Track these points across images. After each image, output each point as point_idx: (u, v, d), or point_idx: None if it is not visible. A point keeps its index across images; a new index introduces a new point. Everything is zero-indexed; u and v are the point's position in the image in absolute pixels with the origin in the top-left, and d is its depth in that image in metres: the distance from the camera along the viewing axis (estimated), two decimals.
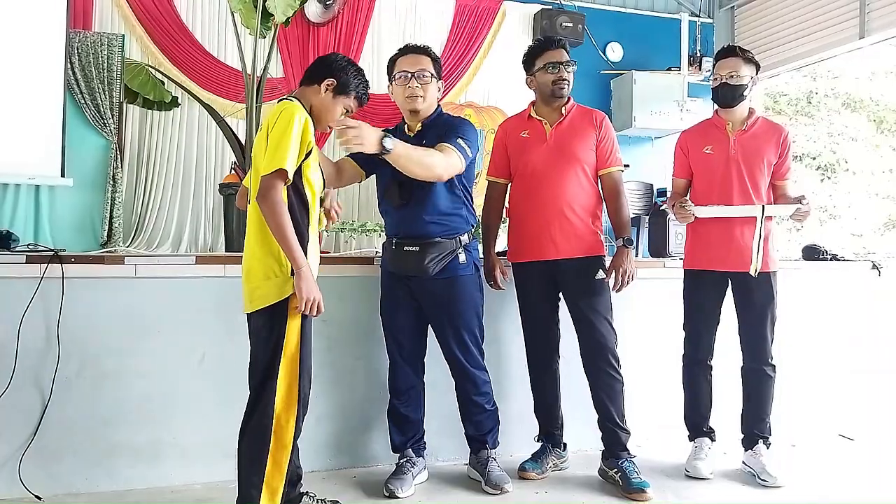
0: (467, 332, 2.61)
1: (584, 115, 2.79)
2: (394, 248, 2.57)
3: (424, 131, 2.59)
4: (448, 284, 2.56)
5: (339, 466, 2.80)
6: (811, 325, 3.43)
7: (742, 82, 2.76)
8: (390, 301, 2.64)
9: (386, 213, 2.65)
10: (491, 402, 2.69)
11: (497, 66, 5.72)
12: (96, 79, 4.39)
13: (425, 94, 2.55)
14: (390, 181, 2.54)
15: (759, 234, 2.69)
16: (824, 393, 3.44)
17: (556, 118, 2.77)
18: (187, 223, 5.05)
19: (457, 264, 2.57)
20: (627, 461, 2.67)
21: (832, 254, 3.70)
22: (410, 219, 2.53)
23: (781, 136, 2.80)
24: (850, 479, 2.85)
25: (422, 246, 2.51)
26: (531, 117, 2.80)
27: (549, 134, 2.75)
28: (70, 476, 2.49)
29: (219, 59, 5.19)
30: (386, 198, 2.59)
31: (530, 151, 2.74)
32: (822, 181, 10.51)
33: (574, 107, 2.80)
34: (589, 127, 2.76)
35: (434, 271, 2.52)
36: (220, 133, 4.38)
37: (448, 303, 2.57)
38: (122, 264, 2.60)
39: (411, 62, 2.57)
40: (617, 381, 2.70)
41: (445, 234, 2.55)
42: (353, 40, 5.46)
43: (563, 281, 2.73)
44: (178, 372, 2.62)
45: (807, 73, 9.42)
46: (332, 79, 2.17)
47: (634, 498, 2.55)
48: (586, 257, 2.70)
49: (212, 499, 2.47)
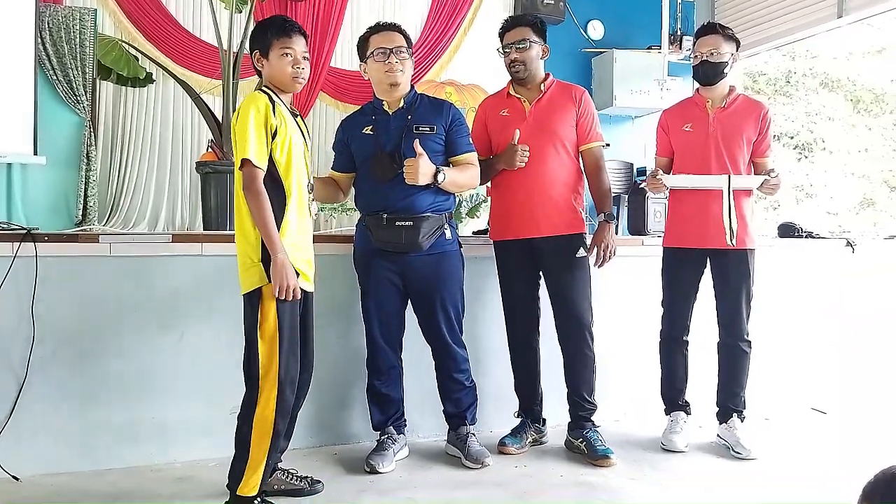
0: (452, 307, 2.62)
1: (564, 91, 2.79)
2: (384, 225, 2.53)
3: (407, 111, 2.58)
4: (436, 260, 2.57)
5: (320, 444, 2.81)
6: (786, 301, 3.49)
7: (723, 59, 2.77)
8: (374, 279, 2.61)
9: (368, 191, 2.61)
10: (469, 379, 2.71)
11: (478, 44, 5.68)
12: (68, 54, 4.29)
13: (405, 70, 2.55)
14: (378, 155, 2.53)
15: (729, 205, 2.72)
16: (798, 367, 3.51)
17: (535, 95, 2.76)
18: (164, 202, 4.98)
19: (444, 240, 2.59)
20: (591, 430, 2.73)
21: (807, 231, 3.76)
22: (401, 192, 2.51)
23: (761, 113, 2.82)
24: (822, 451, 2.91)
25: (415, 220, 2.51)
26: (510, 95, 2.80)
27: (529, 111, 2.74)
28: (48, 456, 2.47)
29: (194, 34, 5.09)
30: (373, 173, 2.55)
31: (510, 128, 2.73)
32: (800, 160, 10.63)
33: (553, 83, 2.80)
34: (569, 103, 2.76)
35: (426, 246, 2.53)
36: (196, 110, 4.31)
37: (435, 278, 2.57)
38: (97, 243, 2.56)
39: (387, 39, 2.56)
40: (589, 357, 2.75)
41: (436, 208, 2.56)
42: (331, 15, 5.38)
43: (544, 258, 2.74)
44: (157, 351, 2.60)
45: (786, 52, 9.48)
46: (255, 51, 2.24)
47: (599, 464, 2.63)
48: (567, 235, 2.72)
49: (191, 477, 2.47)
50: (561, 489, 2.44)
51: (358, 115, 2.71)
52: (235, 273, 2.70)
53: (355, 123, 2.65)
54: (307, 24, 5.28)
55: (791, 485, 2.51)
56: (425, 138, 2.53)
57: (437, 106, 2.64)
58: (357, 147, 2.61)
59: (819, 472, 2.65)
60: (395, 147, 2.53)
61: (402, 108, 2.59)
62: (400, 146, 2.52)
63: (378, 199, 2.56)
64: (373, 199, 2.59)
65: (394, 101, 2.59)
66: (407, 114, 2.57)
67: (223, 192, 3.55)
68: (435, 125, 2.57)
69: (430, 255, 2.56)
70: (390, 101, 2.60)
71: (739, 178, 2.76)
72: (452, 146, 2.61)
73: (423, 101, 2.64)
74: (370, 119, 2.61)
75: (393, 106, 2.60)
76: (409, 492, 2.38)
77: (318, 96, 5.44)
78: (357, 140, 2.61)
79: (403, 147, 2.52)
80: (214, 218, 3.56)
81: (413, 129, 2.54)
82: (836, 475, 2.59)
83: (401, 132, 2.54)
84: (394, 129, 2.56)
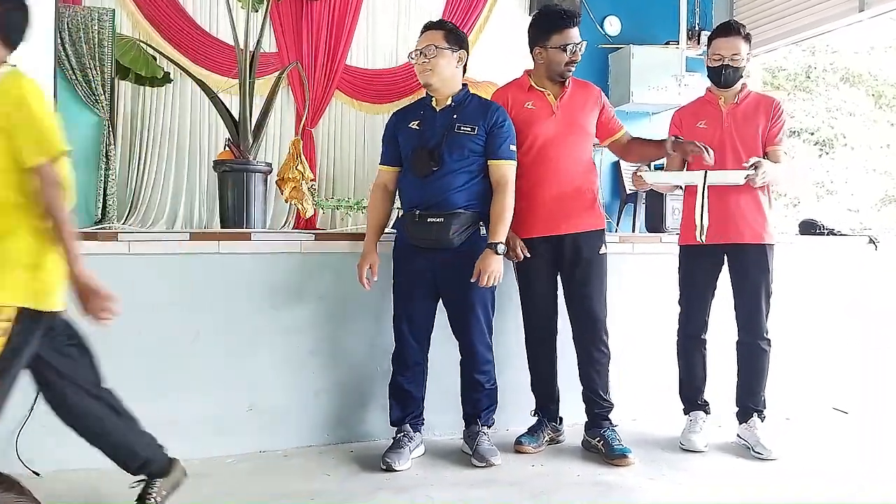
0: (481, 306, 2.61)
1: (583, 88, 2.81)
2: (416, 221, 2.56)
3: (455, 109, 2.60)
4: (468, 257, 2.55)
5: (336, 441, 2.81)
6: (807, 299, 3.44)
7: (743, 63, 2.75)
8: (406, 275, 2.63)
9: (408, 186, 2.65)
10: (491, 382, 2.69)
11: (493, 41, 5.65)
12: (87, 55, 4.33)
13: (434, 69, 2.56)
14: (419, 150, 2.56)
15: (702, 200, 2.67)
16: (819, 367, 3.45)
17: (558, 90, 2.75)
18: (182, 200, 5.02)
19: (478, 237, 2.57)
20: (609, 430, 2.71)
21: (829, 229, 3.70)
22: (436, 189, 2.54)
23: (773, 104, 2.80)
24: (844, 452, 2.87)
25: (446, 217, 2.52)
26: (533, 87, 2.76)
27: (557, 106, 2.72)
28: (67, 452, 2.48)
29: (211, 33, 5.12)
30: (412, 168, 2.59)
31: (538, 123, 2.70)
32: (820, 156, 10.49)
33: (570, 79, 2.78)
34: (591, 99, 2.79)
35: (458, 242, 2.53)
36: (213, 109, 4.34)
37: (466, 276, 2.55)
38: (116, 241, 2.58)
39: (421, 39, 2.61)
40: (605, 355, 2.73)
41: (469, 205, 2.55)
42: (346, 14, 5.38)
43: (566, 255, 2.71)
44: (173, 349, 2.62)
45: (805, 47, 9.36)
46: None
47: (617, 463, 2.60)
48: (591, 231, 2.72)
49: (207, 474, 2.48)
50: (578, 489, 2.42)
51: (409, 108, 2.75)
52: (251, 271, 2.72)
53: (405, 116, 2.69)
54: (322, 23, 5.30)
55: (812, 485, 2.47)
56: (464, 138, 2.55)
57: (484, 107, 2.63)
58: (403, 140, 2.65)
59: (840, 472, 2.61)
60: (436, 144, 2.55)
61: (449, 106, 2.61)
62: (441, 144, 2.54)
63: (415, 195, 2.60)
64: (410, 194, 2.63)
65: (441, 98, 2.61)
66: (453, 112, 2.60)
67: (240, 190, 3.57)
68: (477, 126, 2.57)
69: (463, 253, 2.55)
70: (437, 98, 2.62)
71: (715, 173, 2.70)
72: (489, 148, 2.58)
73: (472, 100, 2.65)
74: (418, 114, 2.65)
75: (441, 103, 2.62)
76: (425, 490, 2.38)
77: (333, 95, 5.45)
78: (403, 133, 2.65)
79: (443, 146, 2.54)
80: (231, 216, 3.59)
81: (455, 129, 2.56)
82: (857, 476, 2.55)
83: (444, 130, 2.56)
84: (438, 126, 2.58)
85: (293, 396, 2.76)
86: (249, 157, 3.69)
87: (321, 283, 2.79)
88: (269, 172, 3.78)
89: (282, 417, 2.74)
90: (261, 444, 2.71)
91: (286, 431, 2.75)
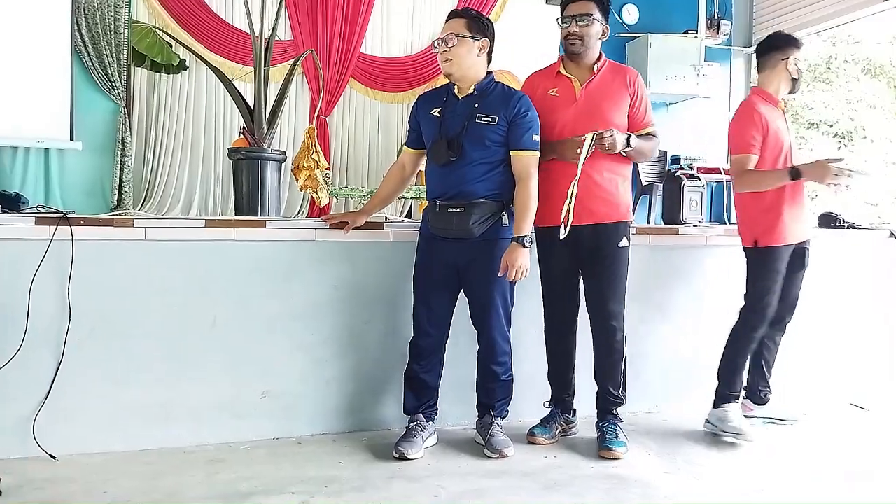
0: (500, 297, 2.59)
1: (617, 74, 2.68)
2: (438, 211, 2.54)
3: (477, 98, 2.56)
4: (490, 246, 2.53)
5: (349, 429, 2.82)
6: (825, 293, 3.39)
7: None
8: (427, 264, 2.62)
9: (430, 174, 2.63)
10: (507, 374, 2.68)
11: (509, 31, 5.59)
12: (103, 41, 4.34)
13: (454, 58, 2.53)
14: (438, 140, 2.54)
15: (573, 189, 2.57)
16: (837, 362, 3.41)
17: (586, 76, 2.66)
18: (197, 187, 5.04)
19: (500, 227, 2.55)
20: (610, 423, 2.69)
21: (849, 222, 3.65)
22: (457, 178, 2.52)
23: None
24: (862, 448, 2.83)
25: (466, 206, 2.50)
26: (560, 74, 2.69)
27: (580, 93, 2.64)
28: (83, 436, 2.52)
29: (226, 20, 5.11)
30: (432, 156, 2.58)
31: (558, 111, 2.64)
32: (839, 149, 10.33)
33: (605, 63, 2.68)
34: (622, 87, 2.65)
35: (479, 232, 2.51)
36: (228, 97, 4.33)
37: (488, 265, 2.53)
38: (132, 227, 2.59)
39: (444, 28, 2.58)
40: (618, 350, 2.68)
41: (491, 194, 2.53)
42: (361, 2, 5.35)
43: (585, 246, 2.65)
44: (189, 334, 2.63)
45: (826, 37, 9.21)
46: None
47: (603, 455, 2.60)
48: (612, 223, 2.64)
49: (222, 459, 2.49)
50: (591, 481, 2.40)
51: (433, 93, 2.72)
52: (266, 259, 2.72)
53: (428, 103, 2.66)
54: (337, 11, 5.27)
55: (829, 482, 2.45)
56: (484, 128, 2.51)
57: (506, 96, 2.57)
58: (425, 127, 2.64)
59: (859, 469, 2.58)
60: (455, 133, 2.52)
61: (471, 95, 2.57)
62: (460, 133, 2.52)
63: (436, 184, 2.59)
64: (432, 184, 2.62)
65: (464, 86, 2.58)
66: (475, 101, 2.56)
67: (254, 178, 3.56)
68: (497, 115, 2.52)
69: (484, 241, 2.53)
70: (460, 86, 2.59)
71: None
72: (511, 139, 2.54)
73: (496, 89, 2.59)
74: (441, 101, 2.61)
75: (463, 91, 2.59)
76: (437, 479, 2.37)
77: (348, 83, 5.44)
78: (425, 120, 2.63)
79: (463, 136, 2.51)
80: (246, 203, 3.58)
81: (476, 118, 2.53)
82: (876, 473, 2.52)
83: (464, 119, 2.53)
84: (459, 114, 2.55)
85: (307, 384, 2.76)
86: (264, 145, 3.68)
87: (335, 271, 2.79)
88: (283, 160, 3.76)
89: (296, 404, 2.75)
90: (275, 430, 2.71)
91: (300, 418, 2.75)
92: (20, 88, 3.75)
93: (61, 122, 3.87)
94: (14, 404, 2.45)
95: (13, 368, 2.41)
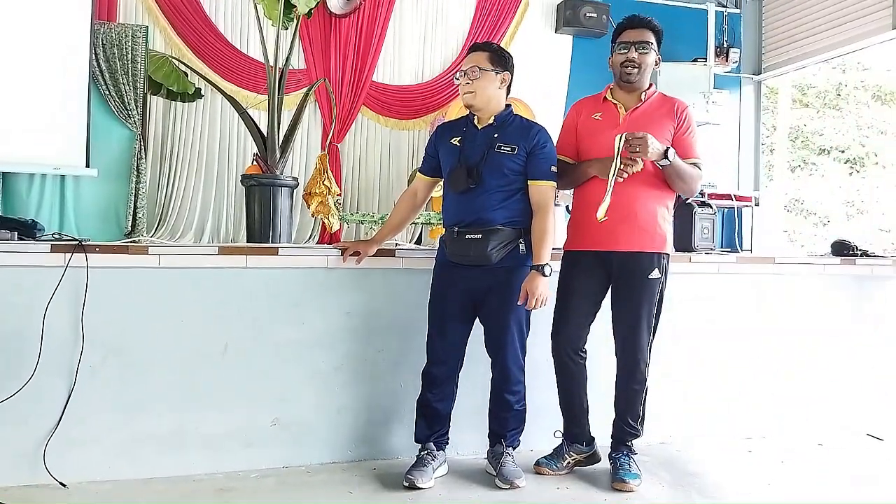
0: (516, 325, 2.58)
1: (664, 104, 2.65)
2: (455, 238, 2.56)
3: (497, 128, 2.59)
4: (508, 274, 2.53)
5: (359, 458, 2.80)
6: (839, 322, 3.36)
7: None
8: (444, 292, 2.62)
9: (447, 203, 2.64)
10: (520, 403, 2.65)
11: (520, 58, 5.63)
12: (121, 70, 4.42)
13: (476, 90, 2.56)
14: (458, 167, 2.56)
15: None
16: (853, 392, 3.37)
17: (633, 103, 2.64)
18: (210, 214, 5.09)
19: (517, 254, 2.55)
20: (624, 455, 2.65)
21: (862, 249, 3.62)
22: (475, 205, 2.53)
23: None
24: (879, 479, 2.78)
25: (484, 233, 2.51)
26: (606, 100, 2.69)
27: (624, 119, 2.62)
28: (94, 464, 2.51)
29: (241, 50, 5.21)
30: (450, 183, 2.59)
31: (600, 135, 2.61)
32: (851, 175, 10.30)
33: (655, 94, 2.67)
34: (667, 116, 2.61)
35: (497, 259, 2.51)
36: (242, 124, 4.40)
37: (505, 293, 2.53)
38: (146, 254, 2.61)
39: (467, 60, 2.62)
40: (639, 382, 2.64)
41: (508, 221, 2.53)
42: (374, 32, 5.44)
43: (615, 274, 2.62)
44: (201, 362, 2.63)
45: (835, 64, 9.23)
46: None
47: (616, 487, 2.57)
48: (645, 253, 2.59)
49: (233, 488, 2.48)
50: None
51: (453, 123, 2.75)
52: (278, 286, 2.73)
53: (448, 132, 2.69)
54: (350, 40, 5.36)
55: None
56: (504, 157, 2.53)
57: (525, 128, 2.60)
58: (443, 156, 2.66)
59: (874, 500, 2.53)
60: (475, 162, 2.54)
61: (491, 125, 2.60)
62: (480, 162, 2.54)
63: (453, 212, 2.60)
64: (449, 212, 2.62)
65: (484, 117, 2.61)
66: (495, 131, 2.58)
67: (266, 204, 3.60)
68: (517, 146, 2.55)
69: (501, 269, 2.53)
70: (480, 116, 2.62)
71: None
72: (529, 169, 2.55)
73: (514, 121, 2.62)
74: (461, 130, 2.64)
75: (483, 122, 2.62)
76: None
77: (360, 110, 5.50)
78: (444, 148, 2.66)
79: (483, 164, 2.53)
80: (258, 229, 3.61)
81: (496, 148, 2.55)
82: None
83: (484, 148, 2.56)
84: (479, 143, 2.58)
85: (318, 412, 2.75)
86: (276, 172, 3.72)
87: (347, 299, 2.79)
88: (295, 187, 3.81)
89: (307, 433, 2.74)
90: (285, 458, 2.70)
91: (310, 447, 2.74)
92: (38, 116, 3.82)
93: (78, 150, 3.93)
94: (25, 431, 2.45)
95: (25, 395, 2.41)
